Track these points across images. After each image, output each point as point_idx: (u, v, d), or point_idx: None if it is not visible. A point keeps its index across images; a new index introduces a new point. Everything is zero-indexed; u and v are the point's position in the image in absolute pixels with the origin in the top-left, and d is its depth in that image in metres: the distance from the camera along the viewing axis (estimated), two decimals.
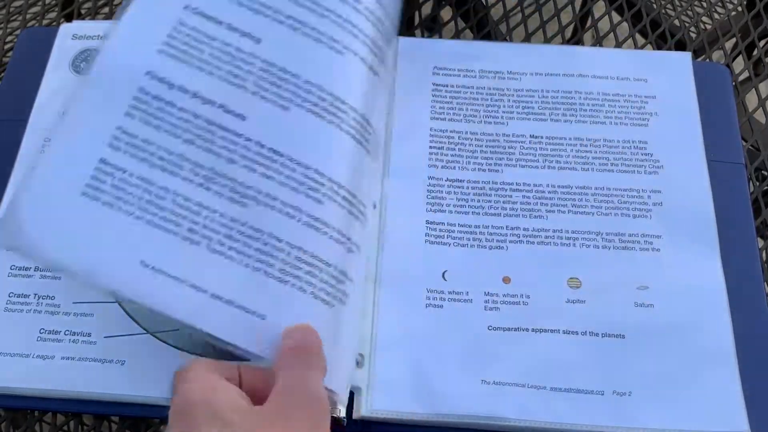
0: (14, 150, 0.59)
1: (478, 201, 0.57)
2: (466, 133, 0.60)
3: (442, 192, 0.57)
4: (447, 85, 0.62)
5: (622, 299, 0.53)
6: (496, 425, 0.49)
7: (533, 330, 0.52)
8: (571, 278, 0.54)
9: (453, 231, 0.56)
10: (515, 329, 0.52)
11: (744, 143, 0.61)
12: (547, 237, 0.56)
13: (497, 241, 0.56)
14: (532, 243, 0.55)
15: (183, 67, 0.45)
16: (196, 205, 0.43)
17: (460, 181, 0.58)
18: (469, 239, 0.56)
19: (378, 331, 0.52)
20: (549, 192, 0.57)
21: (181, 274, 0.42)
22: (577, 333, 0.52)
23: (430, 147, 0.59)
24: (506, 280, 0.54)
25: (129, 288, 0.42)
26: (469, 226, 0.56)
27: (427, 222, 0.56)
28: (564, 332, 0.52)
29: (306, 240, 0.44)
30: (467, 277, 0.54)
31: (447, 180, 0.58)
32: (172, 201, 0.43)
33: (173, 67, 0.45)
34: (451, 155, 0.59)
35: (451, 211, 0.57)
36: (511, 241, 0.56)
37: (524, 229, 0.56)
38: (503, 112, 0.61)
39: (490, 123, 0.60)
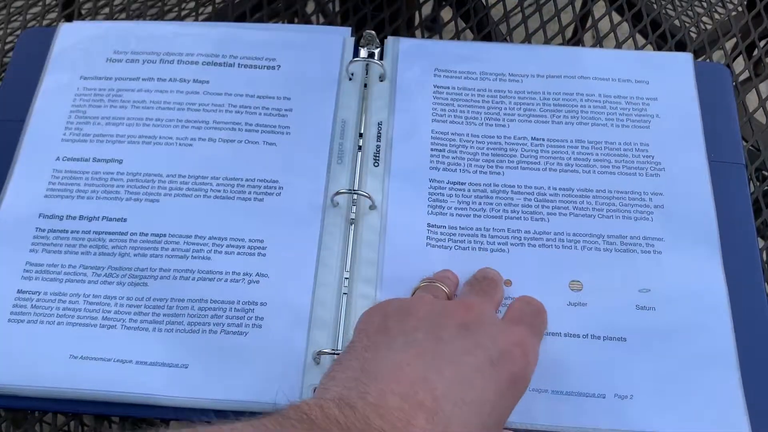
0: (13, 150, 0.59)
1: (480, 204, 0.57)
2: (468, 135, 0.60)
3: (443, 194, 0.57)
4: (448, 87, 0.62)
5: (624, 302, 0.53)
6: None
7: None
8: (572, 281, 0.54)
9: (454, 234, 0.56)
10: None
11: (744, 143, 0.61)
12: (548, 240, 0.56)
13: (498, 243, 0.55)
14: (534, 246, 0.55)
15: (66, 201, 0.57)
16: (105, 298, 0.53)
17: (462, 183, 0.58)
18: (470, 242, 0.56)
19: None
20: (550, 194, 0.57)
21: (105, 355, 0.51)
22: (578, 336, 0.52)
23: (432, 149, 0.59)
24: (507, 283, 0.54)
25: (65, 379, 0.50)
26: (470, 229, 0.56)
27: (429, 225, 0.56)
28: (565, 335, 0.52)
29: (203, 292, 0.53)
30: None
31: (448, 182, 0.58)
32: (84, 302, 0.53)
33: (58, 204, 0.57)
34: (453, 157, 0.59)
35: (452, 214, 0.57)
36: (512, 244, 0.55)
37: (526, 232, 0.56)
38: (504, 114, 0.61)
39: (491, 125, 0.60)
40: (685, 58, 0.64)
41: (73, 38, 0.65)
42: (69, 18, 0.72)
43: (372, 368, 0.39)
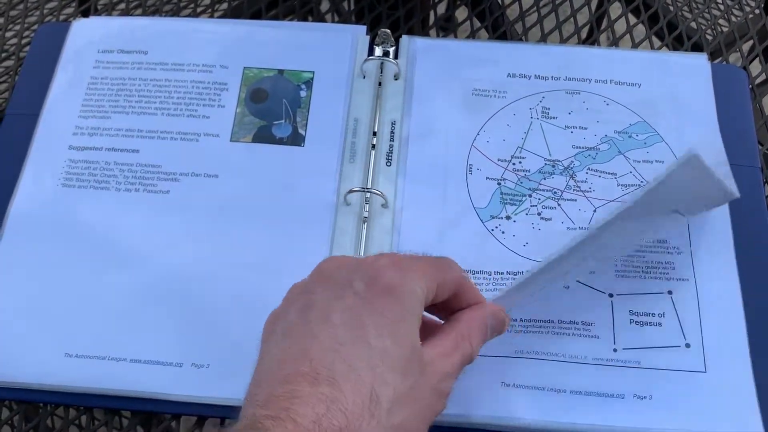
0: (28, 144, 0.60)
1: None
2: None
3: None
4: (462, 86, 0.62)
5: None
6: (515, 426, 0.49)
7: (553, 333, 0.52)
8: None
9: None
10: (536, 331, 0.52)
11: (760, 147, 0.60)
12: None
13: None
14: None
15: (79, 192, 0.58)
16: (116, 291, 0.54)
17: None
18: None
19: None
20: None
21: (110, 353, 0.51)
22: (597, 337, 0.52)
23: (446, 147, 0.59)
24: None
25: (78, 378, 0.50)
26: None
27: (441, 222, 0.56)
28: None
29: (217, 290, 0.54)
30: None
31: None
32: (98, 294, 0.54)
33: (71, 195, 0.58)
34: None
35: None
36: None
37: None
38: (524, 114, 0.61)
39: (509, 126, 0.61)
40: (701, 59, 0.63)
41: (87, 33, 0.65)
42: (85, 13, 0.72)
43: (258, 372, 0.39)
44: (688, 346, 0.51)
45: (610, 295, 0.53)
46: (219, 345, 0.52)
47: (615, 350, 0.51)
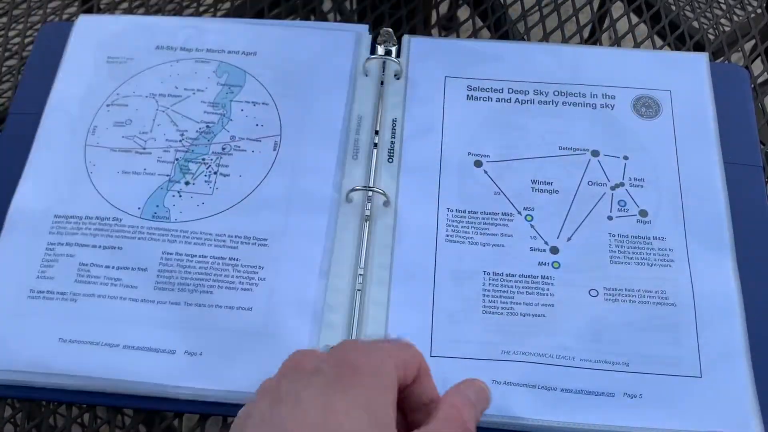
0: (31, 142, 0.60)
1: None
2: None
3: (457, 191, 0.57)
4: (463, 86, 0.62)
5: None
6: (509, 423, 0.49)
7: (545, 333, 0.52)
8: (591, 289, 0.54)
9: (467, 229, 0.56)
10: (527, 332, 0.52)
11: (762, 146, 0.60)
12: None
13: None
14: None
15: (81, 191, 0.58)
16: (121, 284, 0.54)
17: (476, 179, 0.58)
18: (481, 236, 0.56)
19: (390, 327, 0.52)
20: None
21: (93, 338, 0.52)
22: (589, 336, 0.52)
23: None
24: None
25: (75, 366, 0.50)
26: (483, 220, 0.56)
27: (440, 221, 0.56)
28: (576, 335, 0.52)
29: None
30: None
31: (462, 179, 0.58)
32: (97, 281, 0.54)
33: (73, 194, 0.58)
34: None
35: (465, 210, 0.57)
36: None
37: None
38: (521, 112, 0.61)
39: (507, 124, 0.60)
40: (700, 58, 0.63)
41: (89, 32, 0.65)
42: (88, 12, 0.72)
43: None
44: (681, 345, 0.51)
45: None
46: (211, 332, 0.52)
47: None
